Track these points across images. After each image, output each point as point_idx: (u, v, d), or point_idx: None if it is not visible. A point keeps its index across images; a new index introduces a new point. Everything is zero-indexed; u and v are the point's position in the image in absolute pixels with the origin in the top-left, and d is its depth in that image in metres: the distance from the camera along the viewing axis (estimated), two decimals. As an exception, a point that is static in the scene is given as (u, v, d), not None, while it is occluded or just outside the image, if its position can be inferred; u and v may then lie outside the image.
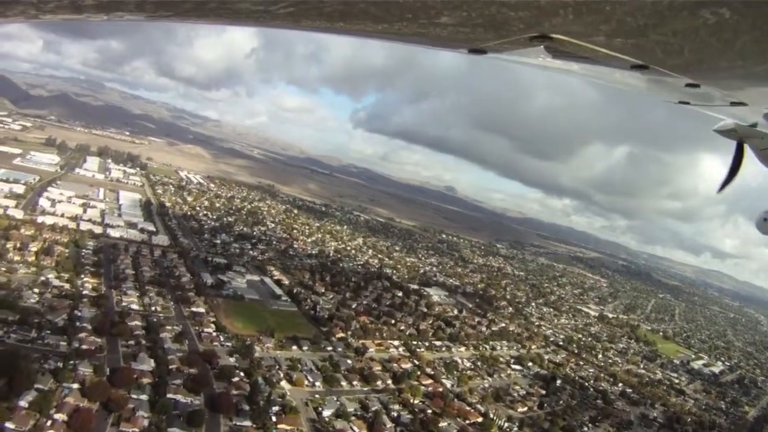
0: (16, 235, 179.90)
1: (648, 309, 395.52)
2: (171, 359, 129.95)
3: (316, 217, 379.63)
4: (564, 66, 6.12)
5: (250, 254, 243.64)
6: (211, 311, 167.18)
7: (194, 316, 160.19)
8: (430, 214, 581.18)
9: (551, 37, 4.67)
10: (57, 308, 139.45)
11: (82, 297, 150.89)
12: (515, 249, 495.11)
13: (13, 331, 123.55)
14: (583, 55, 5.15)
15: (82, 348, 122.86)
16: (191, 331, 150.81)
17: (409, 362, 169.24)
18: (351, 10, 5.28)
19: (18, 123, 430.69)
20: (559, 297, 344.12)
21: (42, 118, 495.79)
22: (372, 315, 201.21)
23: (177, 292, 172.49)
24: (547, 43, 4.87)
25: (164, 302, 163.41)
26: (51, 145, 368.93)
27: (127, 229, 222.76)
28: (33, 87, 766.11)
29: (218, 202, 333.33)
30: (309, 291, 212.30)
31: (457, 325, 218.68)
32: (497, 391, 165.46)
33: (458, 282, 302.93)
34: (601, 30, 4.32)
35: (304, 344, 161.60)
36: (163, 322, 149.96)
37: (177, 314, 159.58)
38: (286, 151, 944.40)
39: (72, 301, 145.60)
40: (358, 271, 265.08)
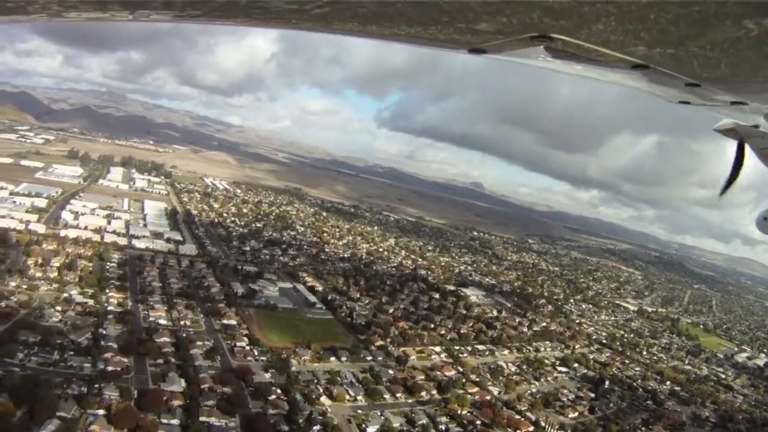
0: (38, 251, 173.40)
1: (685, 301, 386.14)
2: (203, 378, 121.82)
3: (346, 218, 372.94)
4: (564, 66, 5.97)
5: (280, 260, 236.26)
6: (244, 323, 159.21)
7: (226, 330, 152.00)
8: (459, 212, 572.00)
9: (551, 37, 4.57)
10: (80, 327, 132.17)
11: (107, 313, 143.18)
12: (547, 244, 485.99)
13: (34, 353, 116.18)
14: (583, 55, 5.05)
15: (107, 369, 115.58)
16: (223, 346, 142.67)
17: (452, 369, 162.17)
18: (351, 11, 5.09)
19: (40, 137, 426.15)
20: (596, 292, 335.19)
21: (64, 131, 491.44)
22: (410, 320, 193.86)
23: (207, 304, 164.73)
24: (547, 43, 4.78)
25: (194, 315, 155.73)
26: (73, 157, 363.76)
27: (152, 240, 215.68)
28: (55, 101, 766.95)
29: (245, 207, 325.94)
30: (344, 297, 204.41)
31: (498, 326, 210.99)
32: (546, 397, 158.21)
33: (494, 281, 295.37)
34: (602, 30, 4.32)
35: (343, 355, 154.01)
36: (193, 337, 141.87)
37: (207, 328, 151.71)
38: (311, 154, 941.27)
39: (96, 319, 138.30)
40: (392, 274, 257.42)
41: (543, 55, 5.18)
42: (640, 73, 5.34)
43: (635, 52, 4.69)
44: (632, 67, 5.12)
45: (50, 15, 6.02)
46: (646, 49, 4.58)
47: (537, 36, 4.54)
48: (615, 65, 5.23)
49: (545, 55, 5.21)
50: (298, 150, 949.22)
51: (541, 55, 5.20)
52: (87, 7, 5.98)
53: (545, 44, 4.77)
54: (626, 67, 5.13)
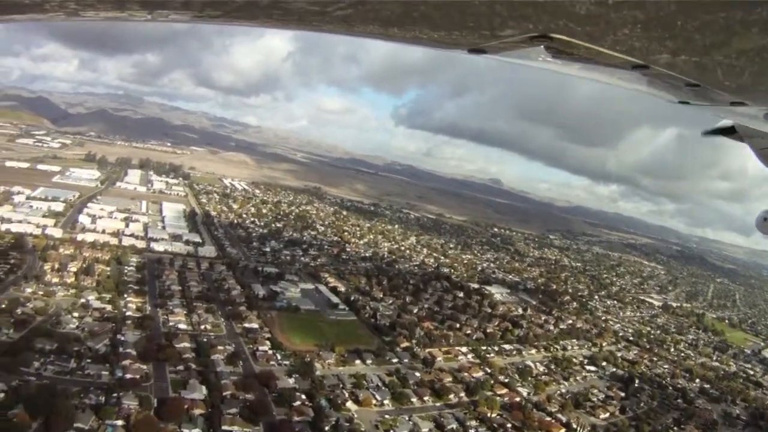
0: (55, 255, 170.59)
1: (709, 295, 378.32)
2: (225, 384, 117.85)
3: (366, 217, 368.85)
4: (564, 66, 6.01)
5: (301, 261, 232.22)
6: (266, 326, 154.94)
7: (247, 333, 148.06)
8: (479, 208, 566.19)
9: (551, 37, 4.61)
10: (98, 333, 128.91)
11: (125, 319, 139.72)
12: (568, 239, 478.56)
13: (51, 362, 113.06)
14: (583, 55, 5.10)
15: (125, 377, 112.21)
16: (245, 351, 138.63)
17: (480, 370, 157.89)
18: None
19: (57, 141, 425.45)
20: (620, 288, 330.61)
21: (81, 135, 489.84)
22: (435, 320, 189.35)
23: (227, 308, 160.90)
24: (547, 43, 4.82)
25: (214, 319, 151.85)
26: (91, 161, 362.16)
27: (171, 242, 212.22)
28: (72, 105, 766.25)
29: (265, 208, 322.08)
30: (367, 297, 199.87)
31: (524, 325, 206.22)
32: (576, 397, 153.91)
33: (518, 278, 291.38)
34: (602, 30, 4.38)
35: (368, 357, 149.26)
36: (214, 342, 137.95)
37: (229, 332, 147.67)
38: (329, 153, 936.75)
39: (114, 324, 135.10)
40: (415, 273, 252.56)
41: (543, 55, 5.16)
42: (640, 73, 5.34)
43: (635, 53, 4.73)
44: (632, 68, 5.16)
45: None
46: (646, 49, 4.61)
47: (537, 36, 4.57)
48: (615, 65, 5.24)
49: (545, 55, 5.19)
50: (316, 149, 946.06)
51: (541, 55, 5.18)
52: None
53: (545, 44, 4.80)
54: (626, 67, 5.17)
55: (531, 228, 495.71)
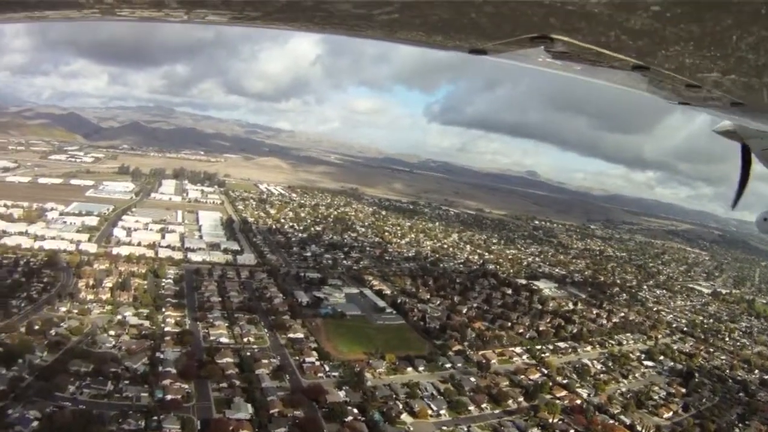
0: (89, 272, 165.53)
1: (756, 280, 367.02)
2: (271, 401, 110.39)
3: (406, 216, 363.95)
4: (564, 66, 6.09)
5: (344, 264, 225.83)
6: (311, 335, 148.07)
7: (293, 344, 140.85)
8: (518, 201, 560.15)
9: (551, 38, 4.73)
10: (136, 351, 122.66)
11: (164, 335, 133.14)
12: (609, 228, 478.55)
13: (86, 385, 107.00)
14: (583, 56, 5.25)
15: (166, 399, 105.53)
16: (291, 363, 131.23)
17: (537, 372, 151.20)
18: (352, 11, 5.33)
19: (90, 155, 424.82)
20: (667, 276, 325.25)
21: (114, 148, 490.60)
22: (486, 319, 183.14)
23: (270, 317, 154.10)
24: (547, 43, 4.93)
25: (257, 331, 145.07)
26: (124, 173, 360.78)
27: (209, 252, 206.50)
28: (103, 120, 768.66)
29: (303, 211, 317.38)
30: (413, 299, 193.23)
31: (576, 320, 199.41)
32: (637, 396, 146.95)
33: (564, 271, 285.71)
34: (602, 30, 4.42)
35: (420, 364, 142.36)
36: (258, 355, 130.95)
37: (273, 344, 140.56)
38: (363, 153, 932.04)
39: (153, 342, 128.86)
40: (460, 271, 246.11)
41: (543, 55, 5.24)
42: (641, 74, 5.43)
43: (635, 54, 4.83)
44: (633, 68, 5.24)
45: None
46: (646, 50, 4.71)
47: (537, 36, 4.65)
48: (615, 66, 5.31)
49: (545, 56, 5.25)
50: (349, 150, 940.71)
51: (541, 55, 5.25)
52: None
53: (545, 44, 4.85)
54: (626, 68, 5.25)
55: (571, 219, 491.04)
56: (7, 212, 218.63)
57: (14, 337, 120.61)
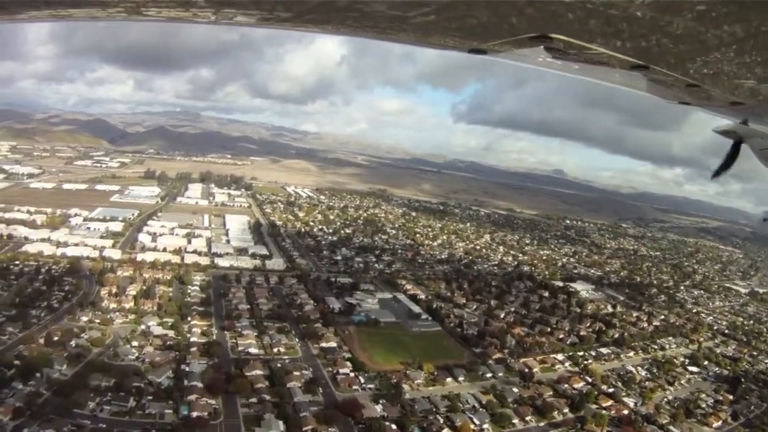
0: (112, 279, 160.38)
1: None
2: (304, 417, 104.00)
3: (436, 217, 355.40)
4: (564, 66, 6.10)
5: (376, 268, 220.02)
6: (344, 344, 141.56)
7: (325, 354, 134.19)
8: (547, 201, 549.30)
9: (551, 37, 4.78)
10: (160, 364, 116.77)
11: (190, 346, 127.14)
12: (641, 227, 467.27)
13: (107, 401, 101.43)
14: (583, 56, 5.26)
15: (192, 416, 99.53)
16: (324, 375, 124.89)
17: (581, 380, 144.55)
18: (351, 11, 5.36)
19: (116, 160, 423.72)
20: (703, 276, 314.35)
21: (140, 153, 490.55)
22: (525, 324, 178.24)
23: (301, 325, 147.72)
24: (547, 43, 4.96)
25: (288, 340, 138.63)
26: (150, 178, 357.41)
27: (236, 257, 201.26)
28: (130, 125, 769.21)
29: (332, 214, 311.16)
30: (449, 304, 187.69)
31: (617, 324, 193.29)
32: (685, 405, 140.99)
33: (600, 272, 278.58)
34: (602, 30, 4.48)
35: (459, 373, 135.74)
36: (289, 367, 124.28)
37: (304, 354, 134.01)
38: (390, 154, 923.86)
39: (178, 353, 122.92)
40: (495, 273, 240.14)
41: (543, 55, 5.26)
42: (640, 73, 5.49)
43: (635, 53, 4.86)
44: (632, 68, 5.28)
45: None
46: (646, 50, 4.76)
47: (537, 36, 4.72)
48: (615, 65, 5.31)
49: (545, 56, 5.28)
50: (376, 151, 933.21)
51: (541, 55, 5.28)
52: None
53: (545, 44, 4.92)
54: (626, 67, 5.29)
55: (602, 217, 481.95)
56: (30, 219, 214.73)
57: (33, 350, 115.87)
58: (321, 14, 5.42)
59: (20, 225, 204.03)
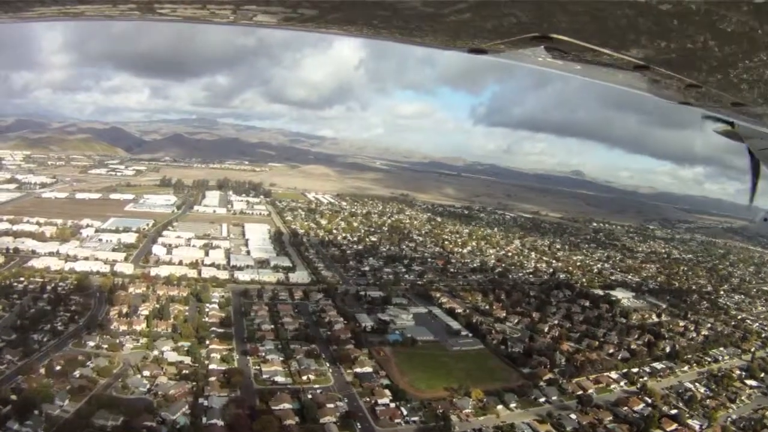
0: (123, 297, 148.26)
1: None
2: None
3: (462, 222, 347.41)
4: (565, 66, 6.14)
5: (406, 279, 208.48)
6: (381, 368, 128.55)
7: (361, 381, 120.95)
8: (570, 203, 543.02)
9: (551, 37, 4.80)
10: (175, 398, 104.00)
11: (209, 375, 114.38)
12: (667, 228, 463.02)
13: None
14: (584, 56, 5.30)
15: None
16: (361, 407, 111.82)
17: (639, 401, 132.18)
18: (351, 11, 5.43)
19: (131, 169, 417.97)
20: (740, 279, 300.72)
21: (156, 161, 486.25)
22: (571, 339, 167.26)
23: (332, 347, 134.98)
24: (547, 43, 4.99)
25: (318, 365, 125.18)
26: (166, 185, 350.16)
27: (257, 270, 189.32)
28: (146, 133, 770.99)
29: (355, 221, 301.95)
30: (488, 317, 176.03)
31: (666, 335, 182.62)
32: (753, 425, 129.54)
33: (637, 278, 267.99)
34: (602, 31, 4.52)
35: (510, 399, 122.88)
36: (321, 398, 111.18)
37: (337, 381, 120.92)
38: (408, 158, 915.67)
39: (195, 384, 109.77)
40: (531, 282, 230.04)
41: (543, 55, 5.30)
42: (641, 73, 5.48)
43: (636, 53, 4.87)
44: (633, 68, 5.28)
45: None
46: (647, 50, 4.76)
47: (537, 36, 4.72)
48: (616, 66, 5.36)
49: (545, 56, 5.32)
50: (393, 156, 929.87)
51: (541, 55, 5.32)
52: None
53: (545, 44, 4.91)
54: (627, 67, 5.30)
55: (626, 219, 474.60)
56: (39, 231, 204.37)
57: (32, 381, 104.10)
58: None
59: (28, 238, 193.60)
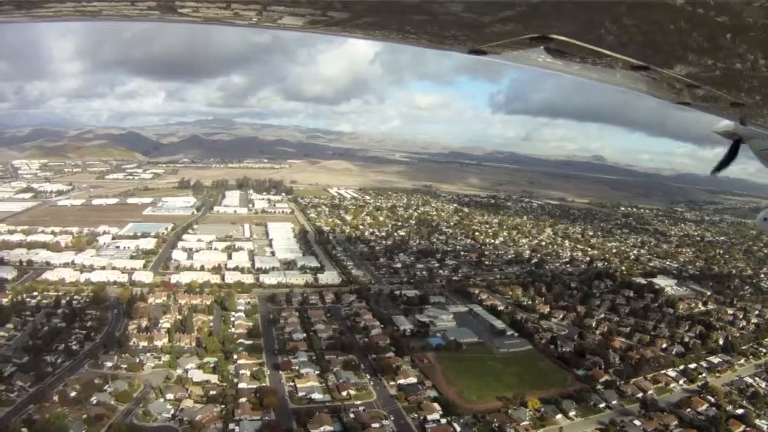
0: (143, 309, 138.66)
1: None
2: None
3: (489, 211, 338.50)
4: (564, 66, 6.11)
5: (441, 275, 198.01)
6: (426, 378, 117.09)
7: (406, 394, 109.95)
8: (595, 188, 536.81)
9: (551, 38, 4.79)
10: (203, 424, 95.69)
11: (239, 395, 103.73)
12: (695, 210, 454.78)
13: None
14: (583, 56, 5.30)
15: None
16: (410, 424, 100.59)
17: (702, 401, 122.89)
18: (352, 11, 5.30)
19: (149, 172, 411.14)
20: None
21: (174, 163, 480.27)
22: (621, 333, 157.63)
23: (371, 356, 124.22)
24: (547, 43, 4.98)
25: (357, 378, 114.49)
26: (185, 187, 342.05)
27: (284, 272, 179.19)
28: (163, 136, 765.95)
29: (381, 215, 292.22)
30: (532, 314, 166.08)
31: (716, 325, 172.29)
32: None
33: (675, 263, 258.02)
34: (602, 30, 4.55)
35: (569, 406, 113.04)
36: (364, 416, 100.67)
37: (380, 395, 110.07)
38: (427, 150, 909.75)
39: (224, 406, 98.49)
40: (570, 272, 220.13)
41: (543, 55, 5.26)
42: (641, 74, 5.46)
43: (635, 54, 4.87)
44: (633, 68, 5.28)
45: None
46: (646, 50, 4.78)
47: (537, 36, 4.71)
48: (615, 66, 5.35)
49: (545, 56, 5.28)
50: (412, 147, 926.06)
51: (541, 55, 5.29)
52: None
53: (545, 44, 4.91)
54: (626, 68, 5.30)
55: (653, 202, 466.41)
56: (53, 241, 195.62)
57: (45, 411, 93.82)
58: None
59: (42, 248, 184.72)
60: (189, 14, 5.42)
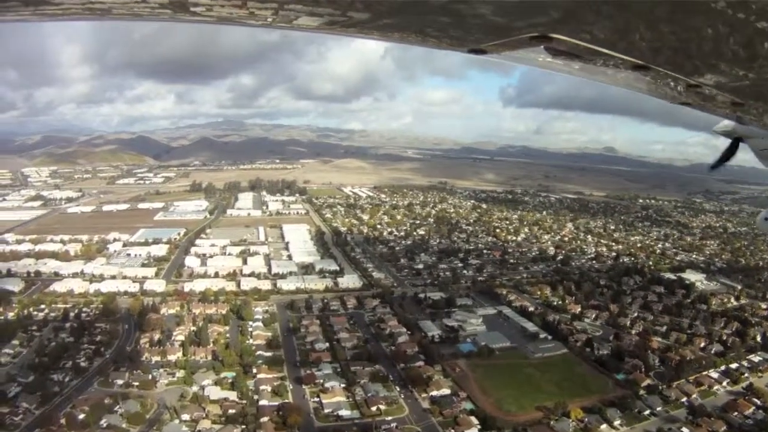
0: (155, 320, 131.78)
1: None
2: None
3: (508, 207, 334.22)
4: (564, 66, 6.12)
5: (465, 275, 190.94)
6: (460, 388, 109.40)
7: (440, 407, 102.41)
8: (611, 180, 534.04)
9: (551, 37, 4.79)
10: None
11: (260, 414, 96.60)
12: (713, 200, 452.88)
13: None
14: (583, 56, 5.25)
15: None
16: None
17: (749, 404, 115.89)
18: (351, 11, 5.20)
19: (160, 176, 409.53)
20: None
21: (185, 166, 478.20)
22: (657, 333, 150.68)
23: (399, 366, 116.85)
24: (547, 43, 4.96)
25: (387, 391, 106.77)
26: (196, 190, 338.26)
27: (302, 276, 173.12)
28: (173, 140, 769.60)
29: (398, 213, 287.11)
30: (564, 315, 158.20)
31: (752, 321, 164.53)
32: None
33: (701, 256, 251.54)
34: (602, 30, 4.56)
35: (613, 415, 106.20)
36: None
37: (413, 409, 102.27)
38: (439, 146, 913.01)
39: (244, 427, 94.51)
40: (597, 269, 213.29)
41: (543, 55, 5.25)
42: (641, 73, 5.47)
43: (635, 53, 4.88)
44: (633, 68, 5.28)
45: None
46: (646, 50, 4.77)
47: (537, 36, 4.70)
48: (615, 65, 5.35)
49: (545, 56, 5.27)
50: (424, 144, 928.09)
51: (541, 55, 5.28)
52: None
53: (545, 44, 4.89)
54: (627, 67, 5.30)
55: (670, 193, 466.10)
56: (62, 250, 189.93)
57: None
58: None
59: (51, 258, 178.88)
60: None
